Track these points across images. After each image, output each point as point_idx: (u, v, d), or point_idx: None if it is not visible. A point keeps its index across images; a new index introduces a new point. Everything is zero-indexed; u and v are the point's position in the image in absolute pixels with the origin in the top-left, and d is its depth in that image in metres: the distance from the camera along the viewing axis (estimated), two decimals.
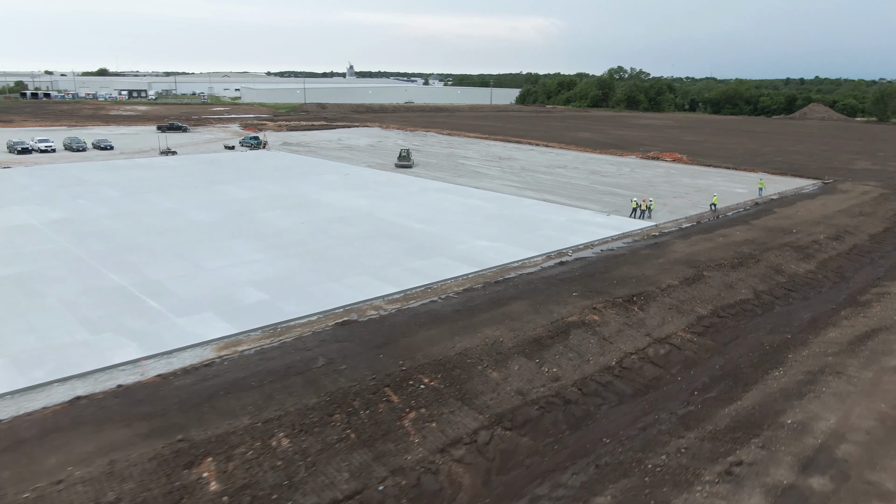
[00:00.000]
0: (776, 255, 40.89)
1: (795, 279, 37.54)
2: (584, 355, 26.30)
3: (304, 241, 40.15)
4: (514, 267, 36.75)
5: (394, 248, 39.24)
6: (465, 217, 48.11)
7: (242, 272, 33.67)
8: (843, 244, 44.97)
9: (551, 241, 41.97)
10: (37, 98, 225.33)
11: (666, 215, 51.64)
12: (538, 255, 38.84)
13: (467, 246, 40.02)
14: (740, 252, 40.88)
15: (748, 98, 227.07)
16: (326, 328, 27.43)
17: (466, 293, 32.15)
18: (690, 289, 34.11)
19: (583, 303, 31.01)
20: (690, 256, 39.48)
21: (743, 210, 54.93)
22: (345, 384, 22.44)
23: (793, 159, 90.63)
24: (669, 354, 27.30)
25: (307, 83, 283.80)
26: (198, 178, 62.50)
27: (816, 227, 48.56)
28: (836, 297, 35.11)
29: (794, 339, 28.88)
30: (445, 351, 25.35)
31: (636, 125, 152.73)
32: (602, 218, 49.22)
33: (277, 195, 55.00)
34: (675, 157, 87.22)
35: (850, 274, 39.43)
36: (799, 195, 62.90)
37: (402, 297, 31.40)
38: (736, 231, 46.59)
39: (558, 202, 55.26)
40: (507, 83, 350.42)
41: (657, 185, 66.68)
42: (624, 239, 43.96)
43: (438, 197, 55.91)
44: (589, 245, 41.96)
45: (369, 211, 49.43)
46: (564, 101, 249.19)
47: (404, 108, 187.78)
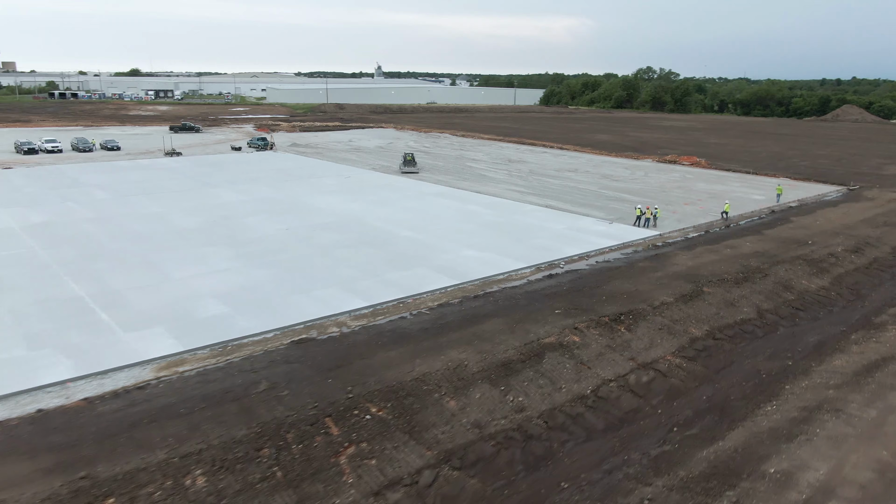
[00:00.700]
0: (787, 269, 37.92)
1: (805, 297, 34.59)
2: (556, 382, 24.00)
3: (282, 249, 38.47)
4: (499, 280, 34.51)
5: (374, 257, 37.31)
6: (459, 224, 45.97)
7: (208, 282, 32.06)
8: (863, 257, 41.69)
9: (544, 251, 39.61)
10: (64, 98, 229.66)
11: (673, 224, 48.79)
12: (527, 267, 36.53)
13: (453, 256, 37.90)
14: (747, 265, 38.01)
15: (780, 99, 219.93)
16: (280, 347, 25.59)
17: (440, 309, 30.04)
18: (686, 307, 31.48)
19: (564, 322, 28.67)
20: (691, 270, 36.77)
21: (757, 218, 51.74)
22: (281, 413, 20.54)
23: (818, 164, 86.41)
24: (653, 382, 24.83)
25: (329, 83, 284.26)
26: (194, 181, 61.45)
27: (834, 239, 45.27)
28: (848, 317, 32.11)
29: (794, 366, 26.14)
30: (402, 375, 23.29)
31: (659, 127, 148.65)
32: (603, 226, 46.63)
33: (269, 199, 53.54)
34: (693, 160, 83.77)
35: (866, 291, 36.29)
36: (820, 202, 59.32)
37: (370, 312, 29.43)
38: (745, 242, 43.60)
39: (561, 208, 52.76)
40: (533, 84, 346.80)
41: (670, 190, 63.66)
42: (623, 249, 41.36)
43: (435, 202, 53.86)
44: (584, 256, 39.49)
45: (359, 217, 47.61)
46: (588, 102, 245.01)
47: (423, 109, 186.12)
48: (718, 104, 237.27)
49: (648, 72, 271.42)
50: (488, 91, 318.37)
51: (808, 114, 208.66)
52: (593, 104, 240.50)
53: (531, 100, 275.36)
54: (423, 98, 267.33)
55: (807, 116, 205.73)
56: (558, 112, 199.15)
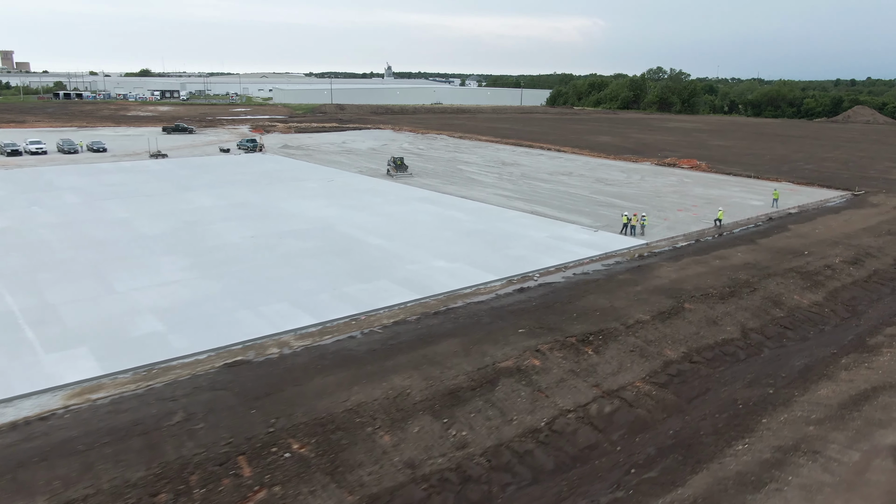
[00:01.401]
0: (778, 282, 35.43)
1: (795, 314, 32.11)
2: (507, 413, 21.78)
3: (242, 258, 36.48)
4: (465, 294, 32.30)
5: (338, 267, 35.23)
6: (435, 232, 43.80)
7: (152, 296, 30.10)
8: (862, 270, 39.08)
9: (520, 262, 37.36)
10: (69, 98, 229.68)
11: (662, 232, 46.34)
12: (497, 280, 34.30)
13: (420, 267, 35.73)
14: (735, 279, 35.56)
15: (791, 100, 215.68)
16: (211, 370, 23.55)
17: (394, 327, 27.89)
18: (663, 325, 29.13)
19: (527, 342, 26.43)
20: (674, 284, 34.37)
21: (753, 226, 49.16)
22: (189, 451, 18.47)
23: (824, 167, 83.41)
24: (616, 413, 22.54)
25: (334, 84, 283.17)
26: (172, 184, 59.70)
27: (833, 249, 42.66)
28: (840, 338, 29.61)
29: (775, 395, 23.73)
30: (334, 405, 21.17)
31: (663, 128, 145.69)
32: (587, 234, 44.27)
33: (244, 204, 51.63)
34: (693, 164, 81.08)
35: (863, 308, 33.74)
36: (821, 209, 56.58)
37: (318, 330, 27.34)
38: (737, 252, 41.11)
39: (546, 215, 50.44)
40: (541, 84, 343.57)
41: (665, 195, 61.14)
42: (605, 260, 39.02)
43: (416, 208, 51.72)
44: (562, 267, 37.19)
45: (332, 223, 45.56)
46: (595, 102, 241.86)
47: (426, 110, 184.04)
48: (728, 105, 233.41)
49: (658, 72, 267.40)
50: (495, 92, 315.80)
51: (819, 115, 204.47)
52: (600, 105, 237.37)
53: (538, 100, 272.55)
54: (429, 98, 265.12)
55: (818, 118, 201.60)
56: (562, 113, 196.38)
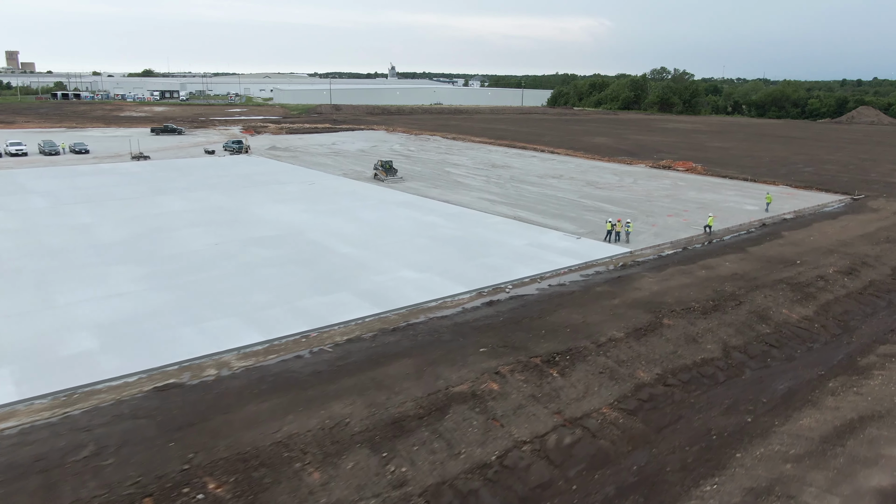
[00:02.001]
0: (766, 295, 33.36)
1: (783, 330, 30.04)
2: (454, 446, 19.82)
3: (199, 268, 34.62)
4: (430, 307, 30.35)
5: (299, 277, 33.34)
6: (409, 238, 41.88)
7: (94, 310, 28.25)
8: (857, 281, 36.96)
9: (494, 272, 35.39)
10: (67, 99, 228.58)
11: (649, 239, 44.29)
12: (467, 292, 32.34)
13: (387, 278, 33.81)
14: (720, 291, 33.51)
15: (796, 100, 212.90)
16: (138, 395, 21.68)
17: (347, 345, 25.97)
18: (638, 343, 27.13)
19: (487, 363, 24.48)
20: (654, 297, 32.34)
21: (745, 233, 47.05)
22: (90, 492, 16.59)
23: (824, 170, 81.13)
24: (576, 446, 20.55)
25: (334, 84, 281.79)
26: (147, 187, 57.95)
27: (827, 258, 40.55)
28: (829, 357, 27.55)
29: (753, 425, 21.73)
30: (262, 437, 19.26)
31: (662, 129, 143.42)
32: (569, 242, 42.26)
33: (217, 208, 49.82)
34: (689, 166, 78.94)
35: (856, 323, 31.62)
36: (818, 214, 54.40)
37: (264, 348, 25.44)
38: (725, 261, 39.05)
39: (529, 220, 48.45)
40: (545, 85, 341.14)
41: (656, 199, 59.06)
42: (584, 270, 37.02)
43: (394, 213, 49.80)
44: (538, 278, 35.21)
45: (303, 229, 43.68)
46: (595, 103, 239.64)
47: (423, 111, 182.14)
48: (732, 106, 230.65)
49: (662, 72, 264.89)
50: (496, 92, 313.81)
51: (823, 116, 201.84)
52: (600, 105, 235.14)
53: (539, 101, 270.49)
54: (429, 99, 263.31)
55: (823, 118, 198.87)
56: (561, 114, 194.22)
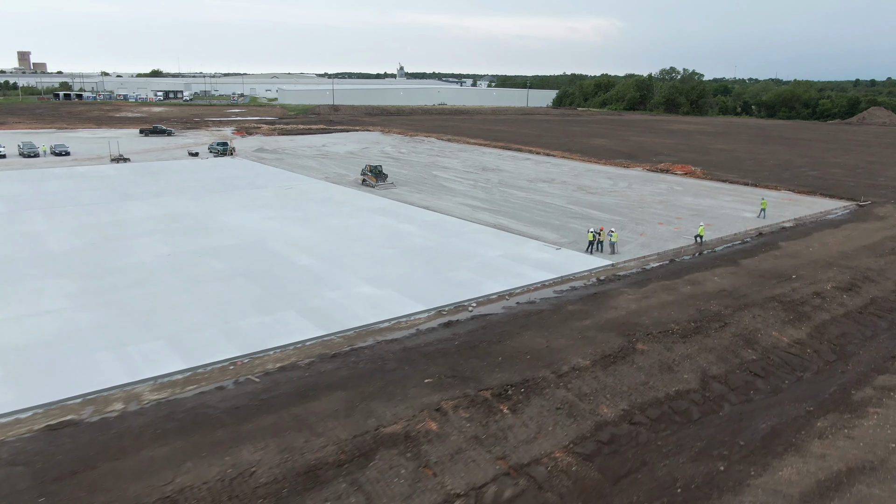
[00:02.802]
0: (755, 315, 30.45)
1: (770, 356, 27.12)
2: (375, 500, 17.15)
3: (142, 282, 32.15)
4: (380, 329, 27.70)
5: (246, 293, 30.80)
6: (376, 249, 39.26)
7: (9, 331, 25.84)
8: (857, 298, 33.92)
9: (460, 287, 32.70)
10: (69, 99, 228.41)
11: (635, 249, 41.41)
12: (425, 311, 29.65)
13: (341, 294, 31.19)
14: (705, 310, 30.63)
15: (806, 101, 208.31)
16: (26, 435, 19.17)
17: (278, 374, 23.36)
18: (605, 373, 24.34)
19: (429, 397, 21.79)
20: (631, 317, 29.52)
21: (739, 243, 44.06)
22: None
23: (829, 173, 77.73)
24: (517, 501, 17.81)
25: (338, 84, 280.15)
26: (115, 192, 55.70)
27: (826, 272, 37.53)
28: (820, 389, 24.64)
29: (726, 474, 18.91)
30: (149, 491, 16.67)
31: (665, 131, 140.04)
32: (547, 253, 39.47)
33: (181, 215, 47.42)
34: (688, 169, 75.83)
35: (853, 347, 28.64)
36: (819, 222, 51.24)
37: (185, 378, 22.88)
38: (713, 276, 36.12)
39: (509, 229, 45.70)
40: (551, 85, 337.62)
41: (649, 205, 56.10)
42: (560, 285, 34.23)
43: (368, 220, 47.19)
44: (507, 294, 32.47)
45: (266, 238, 41.18)
46: (600, 103, 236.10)
47: (423, 111, 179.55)
48: (741, 106, 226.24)
49: (671, 72, 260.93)
50: (501, 92, 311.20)
51: (834, 116, 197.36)
52: (605, 106, 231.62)
53: (544, 101, 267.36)
54: (434, 99, 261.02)
55: (833, 119, 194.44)
56: (564, 114, 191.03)
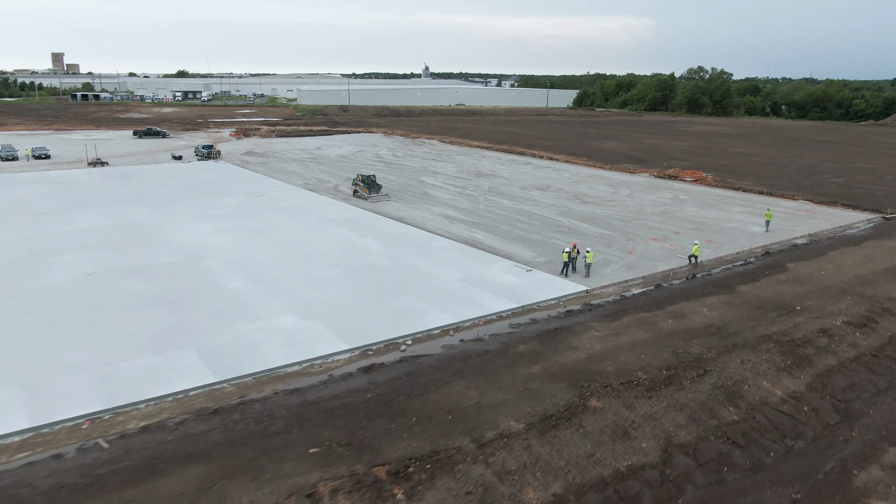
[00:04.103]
0: (744, 360, 25.44)
1: (756, 417, 22.11)
2: None
3: (34, 310, 28.33)
4: (288, 374, 23.40)
5: (149, 325, 26.80)
6: (323, 269, 35.03)
7: None
8: (872, 337, 28.57)
9: (399, 319, 28.27)
10: (86, 99, 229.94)
11: (618, 271, 36.46)
12: (348, 351, 25.28)
13: (258, 327, 26.99)
14: (684, 353, 25.70)
15: (839, 101, 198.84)
16: None
17: (137, 437, 19.18)
18: (541, 441, 19.66)
19: (306, 476, 17.40)
20: (591, 361, 24.74)
21: (741, 264, 38.79)
22: None
23: (855, 180, 71.33)
24: None
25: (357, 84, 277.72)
26: (74, 199, 52.50)
27: (838, 302, 32.19)
28: (812, 468, 19.59)
29: None
30: None
31: (684, 132, 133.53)
32: (515, 275, 34.78)
33: (128, 226, 43.82)
34: (698, 176, 70.19)
35: (862, 405, 23.42)
36: (837, 238, 45.53)
37: (21, 441, 18.87)
38: (702, 306, 31.07)
39: (482, 245, 41.08)
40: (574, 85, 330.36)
41: (647, 217, 50.92)
42: (520, 317, 29.55)
43: (328, 233, 43.03)
44: (452, 328, 27.94)
45: (207, 255, 37.25)
46: (621, 104, 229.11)
47: (434, 112, 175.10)
48: (770, 106, 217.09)
49: (699, 72, 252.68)
50: (520, 92, 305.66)
51: (869, 117, 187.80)
52: (626, 106, 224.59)
53: (565, 101, 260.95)
54: (453, 100, 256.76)
55: (867, 120, 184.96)
56: (581, 115, 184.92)
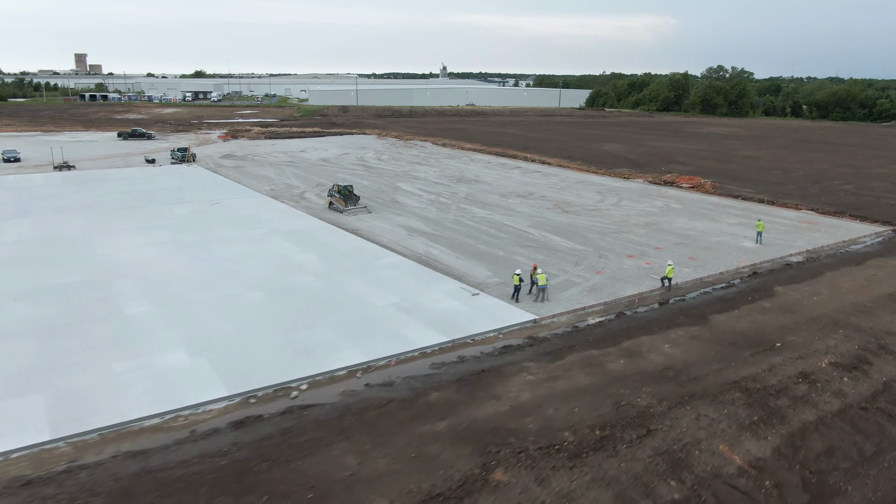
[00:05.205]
0: (700, 415, 21.10)
1: (701, 496, 17.79)
2: None
3: None
4: (144, 429, 19.57)
5: (8, 364, 23.24)
6: (243, 291, 31.25)
7: None
8: (863, 383, 24.00)
9: (303, 356, 24.37)
10: (94, 100, 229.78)
11: (578, 296, 32.14)
12: (226, 399, 21.43)
13: (133, 366, 23.24)
14: (627, 405, 21.43)
15: (862, 101, 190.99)
16: None
17: None
18: None
19: None
20: (510, 417, 20.58)
21: (722, 287, 34.26)
22: None
23: (868, 188, 65.94)
24: None
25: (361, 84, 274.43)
26: (12, 208, 49.38)
27: (827, 337, 27.63)
28: None
29: None
30: None
31: (693, 134, 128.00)
32: (459, 300, 30.65)
33: (55, 238, 40.55)
34: (695, 182, 65.35)
35: (839, 480, 18.91)
36: (838, 256, 40.69)
37: None
38: (665, 342, 26.70)
39: (436, 261, 37.05)
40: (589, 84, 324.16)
41: (629, 229, 46.43)
42: (447, 354, 25.47)
43: (268, 247, 39.29)
44: (361, 369, 23.97)
45: (122, 272, 33.75)
46: (634, 104, 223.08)
47: (436, 112, 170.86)
48: (791, 106, 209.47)
49: (718, 71, 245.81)
50: (533, 92, 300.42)
51: (893, 118, 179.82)
52: (638, 106, 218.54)
53: (579, 101, 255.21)
54: (463, 100, 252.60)
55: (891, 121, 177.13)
56: (588, 115, 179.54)
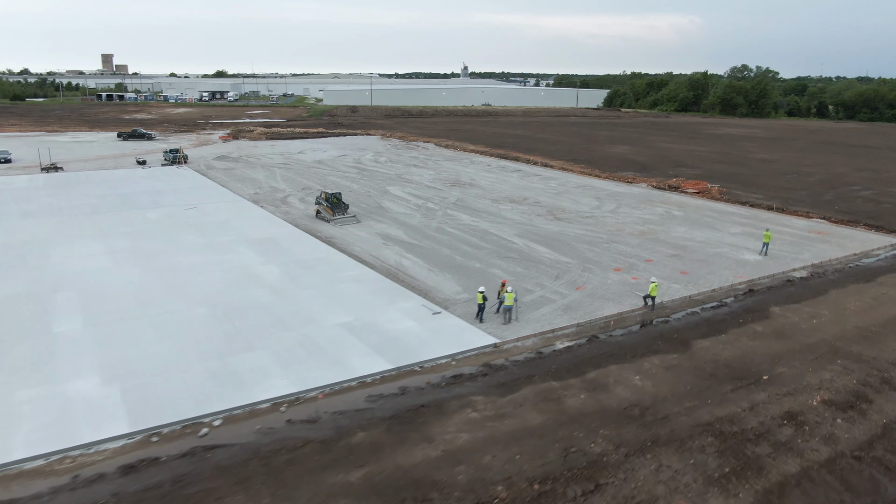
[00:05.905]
0: (662, 465, 18.31)
1: None
2: None
3: None
4: (22, 473, 17.38)
5: None
6: (189, 307, 29.10)
7: None
8: (858, 426, 20.95)
9: (227, 385, 22.07)
10: (111, 100, 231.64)
11: (550, 315, 29.39)
12: (125, 437, 19.18)
13: (35, 394, 21.13)
14: (577, 453, 18.73)
15: (891, 101, 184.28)
16: None
17: None
18: None
19: None
20: (439, 465, 18.00)
21: (713, 306, 31.24)
22: None
23: (887, 194, 61.95)
24: None
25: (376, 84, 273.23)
26: None
27: (822, 368, 24.57)
28: None
29: None
30: None
31: (708, 136, 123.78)
32: (417, 320, 28.11)
33: (12, 245, 38.96)
34: (701, 187, 61.98)
35: None
36: (846, 271, 37.32)
37: None
38: (636, 372, 23.87)
39: (404, 274, 34.59)
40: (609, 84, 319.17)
41: (623, 238, 43.48)
42: (388, 384, 22.97)
43: (234, 257, 37.19)
44: (287, 402, 21.56)
45: (67, 284, 31.82)
46: (651, 104, 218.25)
47: (445, 113, 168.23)
48: (815, 107, 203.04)
49: (742, 70, 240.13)
50: (550, 92, 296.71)
51: None
52: (656, 107, 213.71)
53: (596, 101, 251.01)
54: (479, 100, 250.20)
55: None
56: (602, 116, 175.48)
